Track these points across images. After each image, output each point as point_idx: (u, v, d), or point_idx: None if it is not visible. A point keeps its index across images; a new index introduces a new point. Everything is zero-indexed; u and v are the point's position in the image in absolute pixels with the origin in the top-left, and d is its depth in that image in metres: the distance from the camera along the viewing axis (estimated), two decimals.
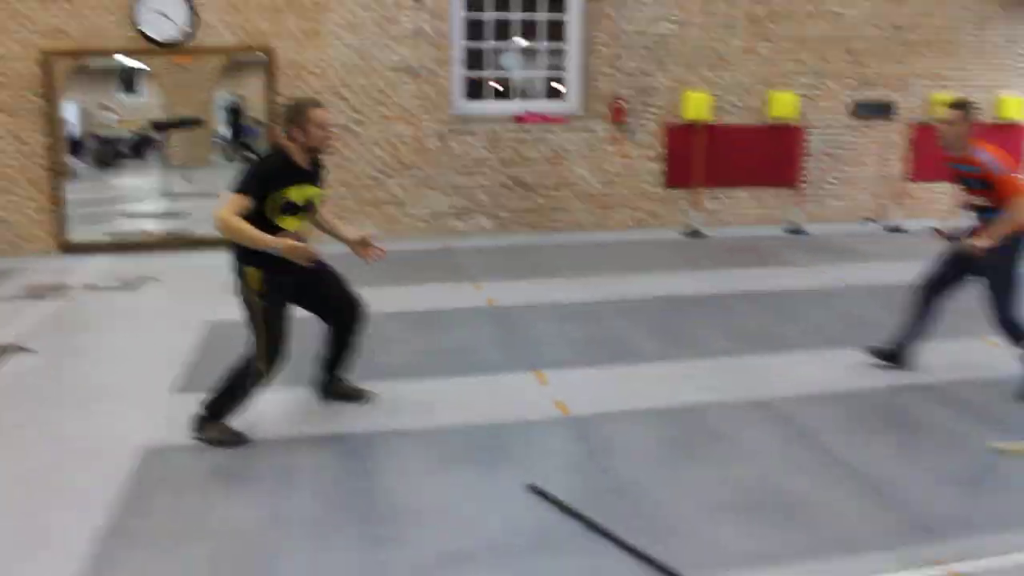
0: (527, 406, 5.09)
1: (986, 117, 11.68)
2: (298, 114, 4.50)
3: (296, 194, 4.51)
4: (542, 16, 10.55)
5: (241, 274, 4.53)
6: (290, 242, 4.34)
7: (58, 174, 9.29)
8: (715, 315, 7.05)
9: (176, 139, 15.19)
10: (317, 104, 4.58)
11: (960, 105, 5.35)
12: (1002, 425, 4.86)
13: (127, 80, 16.58)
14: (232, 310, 4.91)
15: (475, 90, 10.65)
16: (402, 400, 5.18)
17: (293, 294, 4.66)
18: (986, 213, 5.30)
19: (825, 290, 7.90)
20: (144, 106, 20.63)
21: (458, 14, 10.15)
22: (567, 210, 10.44)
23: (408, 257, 9.08)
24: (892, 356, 5.75)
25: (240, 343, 4.61)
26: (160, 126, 15.47)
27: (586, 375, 5.64)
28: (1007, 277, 5.33)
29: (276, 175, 4.48)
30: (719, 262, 9.04)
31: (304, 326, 4.89)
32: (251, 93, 17.57)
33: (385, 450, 4.51)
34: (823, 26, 10.96)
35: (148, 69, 12.95)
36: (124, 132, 20.11)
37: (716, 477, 4.24)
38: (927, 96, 11.50)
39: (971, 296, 5.57)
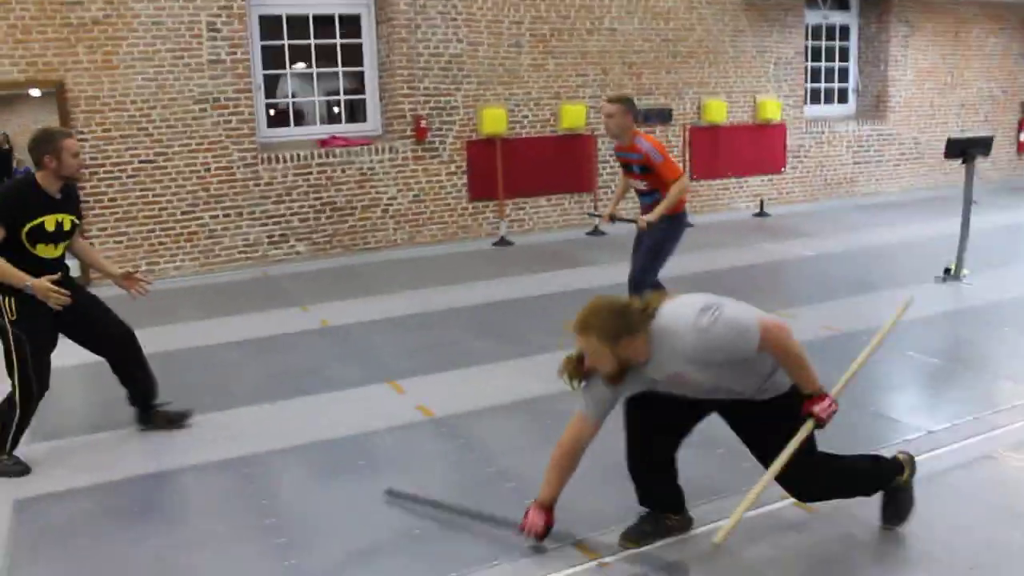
0: (392, 415, 5.28)
1: (750, 118, 12.97)
2: (51, 142, 4.55)
3: (49, 222, 4.56)
4: (337, 41, 10.74)
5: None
6: (42, 284, 4.41)
7: None
8: (536, 315, 7.48)
9: None
10: (69, 134, 4.71)
11: (620, 99, 6.19)
12: None
13: None
14: (72, 355, 4.91)
15: (279, 117, 10.71)
16: (266, 422, 5.25)
17: (53, 323, 4.68)
18: (646, 196, 6.25)
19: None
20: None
21: (256, 42, 10.16)
22: (380, 229, 10.64)
23: (229, 287, 9.05)
24: None
25: (80, 387, 4.60)
26: None
27: (438, 379, 5.89)
28: (660, 245, 6.17)
29: (26, 203, 4.52)
30: (530, 267, 9.51)
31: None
32: (19, 129, 16.65)
33: (262, 469, 4.59)
34: (602, 41, 11.74)
35: None
36: None
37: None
38: (698, 101, 12.56)
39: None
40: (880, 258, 9.69)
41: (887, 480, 3.71)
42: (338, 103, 11.02)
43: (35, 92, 9.91)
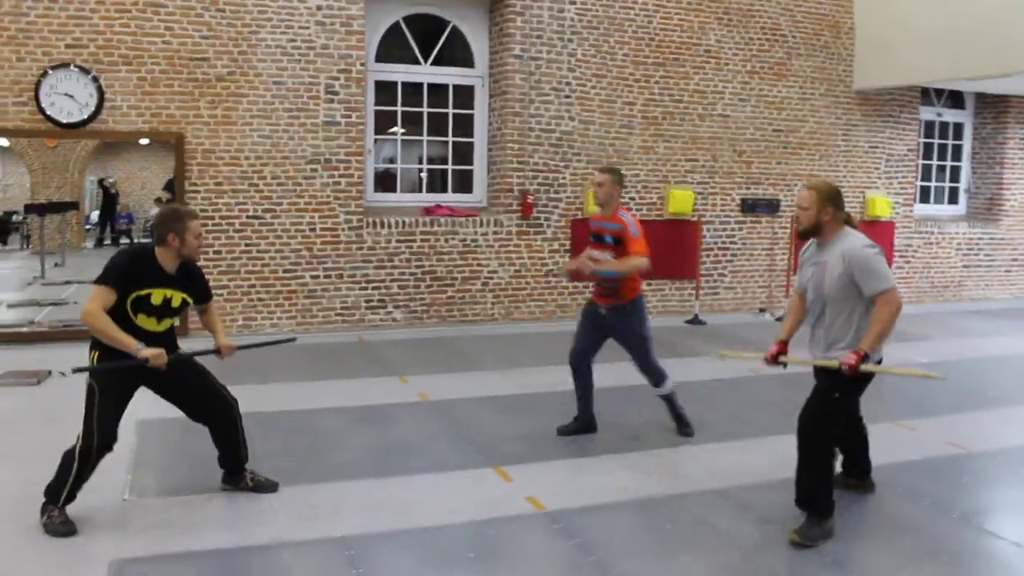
0: (500, 504, 5.02)
1: (858, 214, 12.59)
2: (179, 222, 4.60)
3: (156, 296, 4.58)
4: (450, 111, 10.75)
5: (89, 354, 4.59)
6: (146, 351, 4.45)
7: None
8: (643, 406, 7.15)
9: (46, 223, 14.52)
10: (196, 215, 4.74)
11: (610, 170, 6.33)
12: None
13: None
14: (159, 407, 4.80)
15: (388, 182, 10.72)
16: (370, 500, 5.03)
17: (134, 384, 4.67)
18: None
19: (737, 379, 8.17)
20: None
21: (371, 106, 10.21)
22: (478, 302, 10.49)
23: (326, 351, 8.93)
24: (583, 428, 6.34)
25: (179, 440, 4.45)
26: (32, 208, 14.75)
27: (547, 469, 5.62)
28: (639, 335, 6.31)
29: (141, 273, 4.55)
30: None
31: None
32: (126, 175, 17.10)
33: (365, 554, 4.35)
34: (713, 127, 11.56)
35: (6, 146, 12.15)
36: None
37: (703, 563, 4.34)
38: None
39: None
40: (1001, 370, 9.19)
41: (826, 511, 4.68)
42: (445, 172, 10.98)
43: (144, 141, 10.07)
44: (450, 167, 10.93)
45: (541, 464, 5.71)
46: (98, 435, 4.47)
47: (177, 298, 4.70)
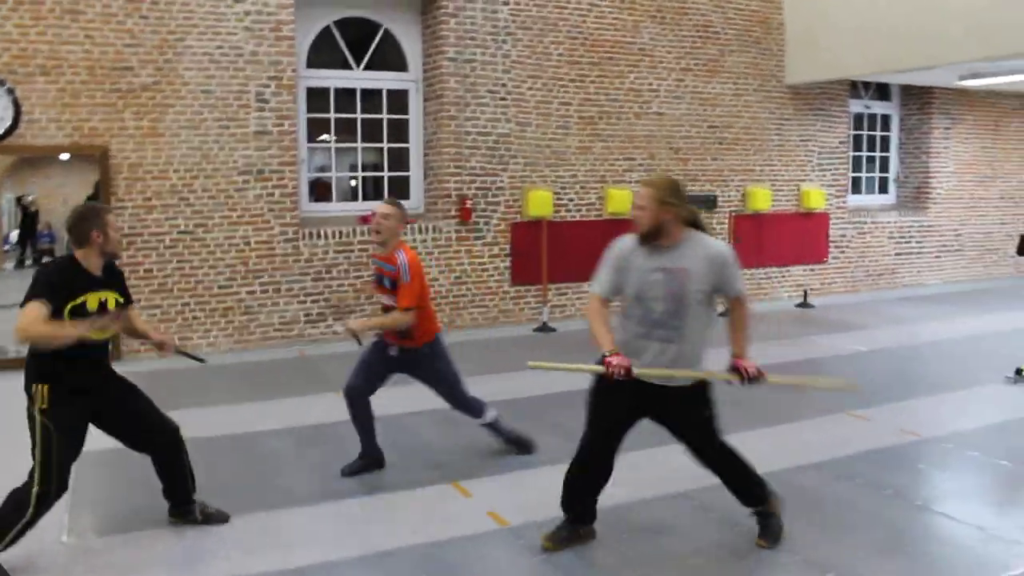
0: (460, 521, 4.86)
1: (793, 207, 12.71)
2: (98, 217, 4.37)
3: (92, 301, 4.33)
4: (384, 116, 10.55)
5: (30, 393, 4.26)
6: (90, 323, 4.20)
7: None
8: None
9: None
10: (111, 209, 4.60)
11: (396, 204, 5.57)
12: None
13: None
14: (98, 439, 4.54)
15: (322, 191, 10.48)
16: (325, 525, 4.84)
17: (88, 416, 4.42)
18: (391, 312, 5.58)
19: None
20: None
21: (303, 113, 9.95)
22: None
23: (266, 368, 8.68)
24: (370, 464, 5.74)
25: (117, 473, 4.19)
26: None
27: (505, 482, 5.49)
28: (445, 376, 5.83)
29: (71, 281, 4.29)
30: (576, 355, 9.03)
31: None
32: (45, 193, 16.42)
33: None
34: (649, 125, 11.54)
35: None
36: None
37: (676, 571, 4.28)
38: (743, 189, 12.32)
39: None
40: (939, 355, 9.34)
41: (760, 498, 4.53)
42: (381, 179, 10.76)
43: (64, 156, 9.67)
44: (386, 174, 10.72)
45: (498, 477, 5.58)
46: (58, 479, 4.21)
47: (111, 299, 4.44)
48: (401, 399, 7.37)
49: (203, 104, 9.17)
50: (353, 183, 11.00)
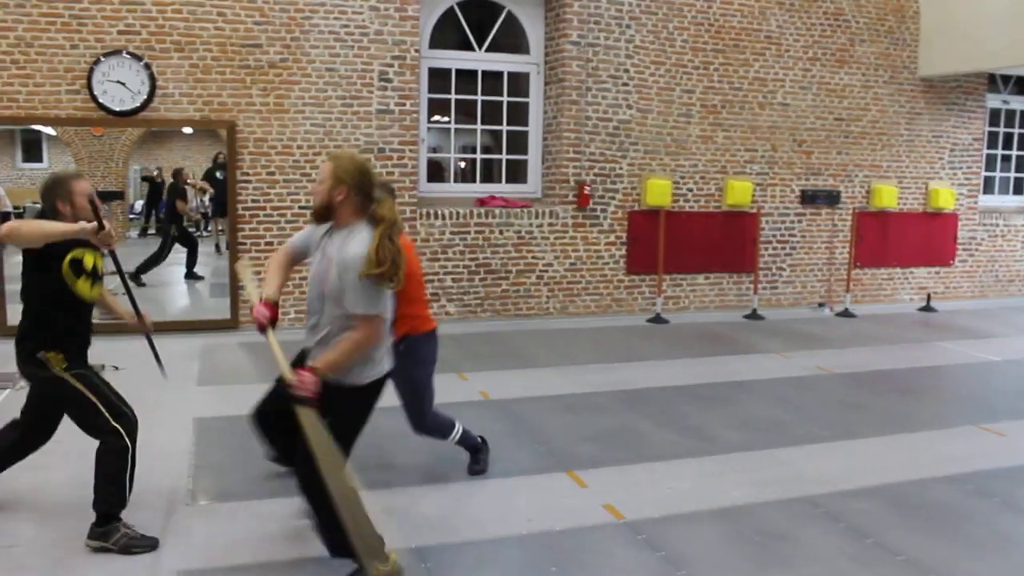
0: (576, 512, 4.77)
1: (920, 206, 12.21)
2: (61, 187, 4.17)
3: (88, 258, 4.19)
4: (504, 99, 10.50)
5: (38, 363, 4.17)
6: (87, 224, 3.92)
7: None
8: (715, 405, 6.89)
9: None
10: (80, 175, 4.32)
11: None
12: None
13: (28, 146, 15.74)
14: (219, 405, 4.55)
15: (436, 172, 10.49)
16: (441, 508, 4.81)
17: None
18: None
19: (807, 377, 7.89)
20: (46, 175, 19.56)
21: (424, 94, 9.97)
22: (533, 296, 10.24)
23: None
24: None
25: (237, 439, 4.20)
26: None
27: (621, 474, 5.36)
28: (410, 381, 5.03)
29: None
30: (692, 349, 8.95)
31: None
32: (170, 164, 16.96)
33: (447, 566, 4.13)
34: (773, 116, 11.21)
35: (53, 134, 11.93)
36: (27, 202, 18.97)
37: None
38: (868, 185, 11.89)
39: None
40: None
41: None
42: (498, 162, 10.73)
43: (187, 130, 9.88)
44: (504, 157, 10.66)
45: (614, 468, 5.46)
46: (125, 412, 4.26)
47: (100, 262, 4.33)
48: (518, 384, 7.37)
49: (327, 82, 9.27)
50: (463, 165, 10.97)
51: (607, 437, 6.05)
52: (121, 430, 4.19)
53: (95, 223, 3.91)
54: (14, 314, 8.67)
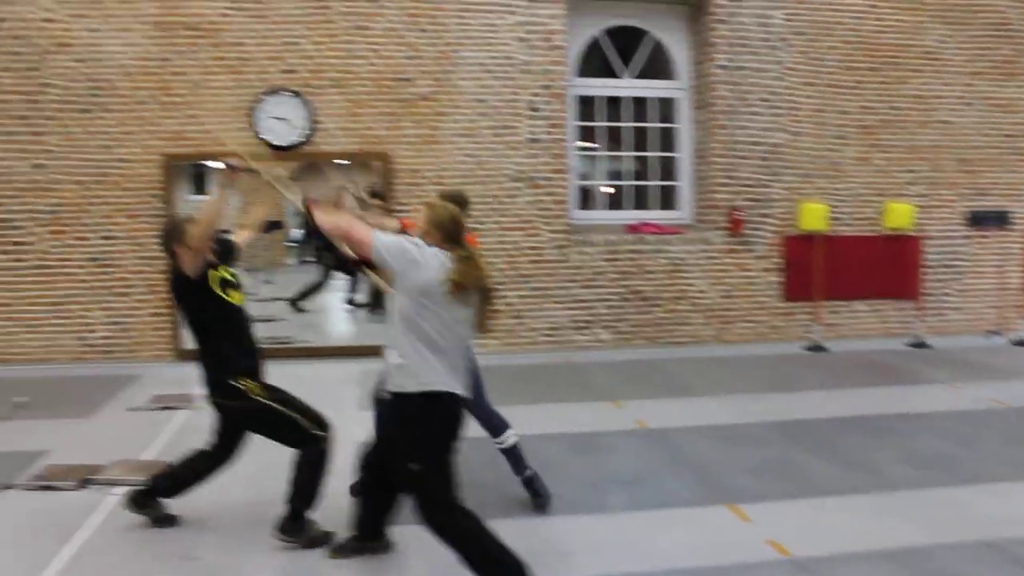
0: (740, 548, 4.62)
1: None
2: (176, 230, 4.47)
3: (224, 272, 4.59)
4: (651, 124, 10.42)
5: (235, 393, 4.48)
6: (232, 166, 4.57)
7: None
8: (880, 438, 6.58)
9: (254, 241, 15.04)
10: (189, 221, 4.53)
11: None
12: None
13: (196, 180, 16.53)
14: None
15: (585, 199, 10.49)
16: (600, 537, 4.73)
17: None
18: None
19: (979, 411, 7.44)
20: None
21: (572, 122, 10.00)
22: (687, 323, 10.08)
23: (533, 373, 8.74)
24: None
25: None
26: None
27: (786, 509, 5.16)
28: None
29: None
30: (854, 379, 8.60)
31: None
32: (326, 194, 17.54)
33: None
34: (934, 135, 10.74)
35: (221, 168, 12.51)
36: None
37: None
38: None
39: None
40: None
41: None
42: (646, 188, 10.62)
43: (342, 161, 10.16)
44: (655, 183, 10.56)
45: (778, 503, 5.26)
46: (320, 417, 4.56)
47: (230, 270, 4.72)
48: (675, 412, 7.24)
49: (478, 112, 9.42)
50: (611, 191, 10.89)
51: (768, 469, 5.86)
52: (320, 436, 4.49)
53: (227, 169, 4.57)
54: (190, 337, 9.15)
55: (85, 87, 8.91)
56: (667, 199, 10.58)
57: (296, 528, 4.48)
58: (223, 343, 4.51)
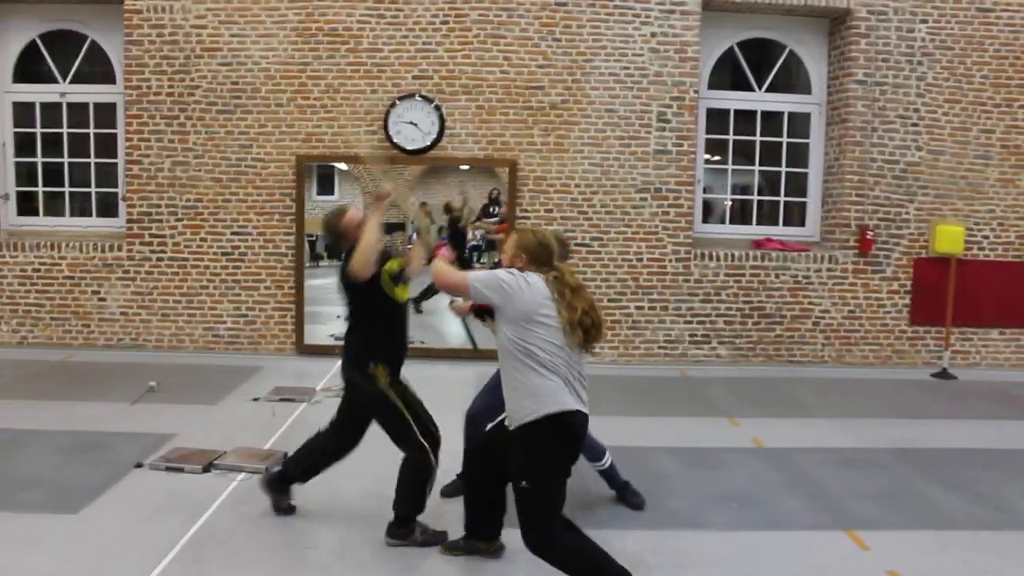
0: (859, 574, 4.52)
1: None
2: (338, 217, 4.81)
3: (395, 264, 4.71)
4: (784, 139, 10.25)
5: (367, 377, 4.62)
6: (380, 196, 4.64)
7: (300, 275, 9.44)
8: (1013, 473, 6.29)
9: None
10: (346, 209, 4.89)
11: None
12: None
13: (322, 180, 17.00)
14: None
15: (707, 212, 10.38)
16: (716, 554, 4.69)
17: None
18: None
19: None
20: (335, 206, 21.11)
21: (702, 134, 9.93)
22: (808, 342, 9.87)
23: (649, 384, 8.72)
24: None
25: None
26: None
27: (907, 540, 5.00)
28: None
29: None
30: (984, 410, 8.26)
31: None
32: (448, 198, 17.86)
33: None
34: None
35: (345, 169, 12.83)
36: (319, 232, 20.55)
37: None
38: None
39: None
40: None
41: None
42: (773, 203, 10.45)
43: (464, 167, 10.32)
44: (783, 198, 10.38)
45: (898, 532, 5.10)
46: (431, 431, 4.67)
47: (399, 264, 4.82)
48: (792, 433, 7.10)
49: (606, 123, 9.45)
50: (729, 203, 10.73)
51: (889, 497, 5.69)
52: (428, 447, 4.57)
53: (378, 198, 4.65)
54: (312, 334, 9.45)
55: (228, 89, 9.33)
56: (794, 215, 10.38)
57: (404, 532, 4.59)
58: (375, 331, 4.69)
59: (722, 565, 4.58)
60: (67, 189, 9.96)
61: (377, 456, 4.92)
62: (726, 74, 10.23)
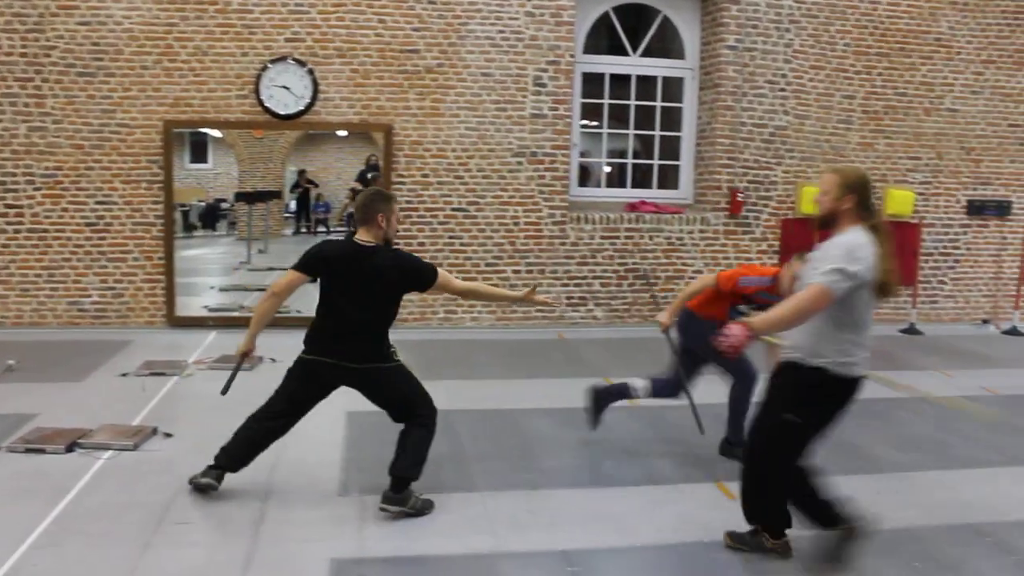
0: (727, 524, 4.64)
1: None
2: (386, 203, 4.62)
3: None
4: (658, 104, 10.41)
5: (386, 355, 4.68)
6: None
7: (169, 245, 9.13)
8: (872, 422, 6.61)
9: (249, 211, 15.04)
10: (396, 199, 4.83)
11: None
12: None
13: (195, 148, 16.51)
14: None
15: (584, 176, 10.49)
16: (588, 511, 4.77)
17: None
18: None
19: (970, 397, 7.45)
20: (209, 175, 20.54)
21: (577, 98, 9.99)
22: None
23: (526, 346, 8.79)
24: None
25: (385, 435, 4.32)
26: (242, 197, 15.34)
27: None
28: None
29: (328, 258, 4.61)
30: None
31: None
32: (324, 167, 17.54)
33: (593, 571, 4.10)
34: (940, 122, 10.73)
35: (219, 136, 12.53)
36: (192, 201, 19.91)
37: None
38: None
39: None
40: None
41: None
42: (647, 167, 10.63)
43: (341, 133, 10.16)
44: (656, 162, 10.56)
45: None
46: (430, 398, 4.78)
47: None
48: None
49: (482, 86, 9.42)
50: (608, 169, 10.90)
51: None
52: (430, 415, 4.71)
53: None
54: (184, 306, 9.16)
55: (88, 50, 8.90)
56: (668, 179, 10.58)
57: (402, 498, 4.56)
58: (391, 319, 4.71)
59: (604, 520, 4.67)
60: None
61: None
62: (602, 39, 10.32)
